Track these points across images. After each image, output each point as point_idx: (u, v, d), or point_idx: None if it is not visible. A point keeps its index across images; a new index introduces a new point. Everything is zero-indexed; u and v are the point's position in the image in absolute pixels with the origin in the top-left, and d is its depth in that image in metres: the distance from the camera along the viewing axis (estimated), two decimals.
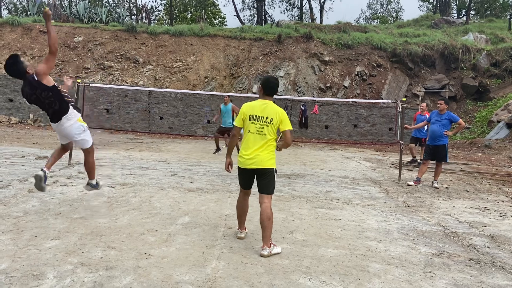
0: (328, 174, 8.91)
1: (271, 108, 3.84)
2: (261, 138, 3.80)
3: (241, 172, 3.95)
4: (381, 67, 22.16)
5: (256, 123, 3.82)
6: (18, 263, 3.20)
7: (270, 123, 3.80)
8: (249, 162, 3.80)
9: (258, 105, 3.87)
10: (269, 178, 3.83)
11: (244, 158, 3.83)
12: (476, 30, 27.33)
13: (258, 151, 3.78)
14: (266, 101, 3.88)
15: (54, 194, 5.56)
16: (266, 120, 3.80)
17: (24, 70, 4.19)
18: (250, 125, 3.84)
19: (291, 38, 22.81)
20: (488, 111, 20.06)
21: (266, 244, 3.69)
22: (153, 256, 3.51)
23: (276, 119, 3.80)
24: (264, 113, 3.82)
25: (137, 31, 22.77)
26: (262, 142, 3.79)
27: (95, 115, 18.24)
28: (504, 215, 5.70)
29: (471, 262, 3.76)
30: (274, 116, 3.81)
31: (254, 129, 3.82)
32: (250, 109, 3.87)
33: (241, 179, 4.00)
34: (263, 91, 3.91)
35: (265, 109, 3.83)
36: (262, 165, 3.79)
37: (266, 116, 3.80)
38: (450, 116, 7.68)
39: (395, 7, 53.19)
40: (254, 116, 3.83)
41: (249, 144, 3.82)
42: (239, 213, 4.12)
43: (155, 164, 8.98)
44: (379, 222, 5.01)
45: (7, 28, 21.93)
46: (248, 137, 3.84)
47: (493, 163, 11.97)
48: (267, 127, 3.80)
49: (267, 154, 3.81)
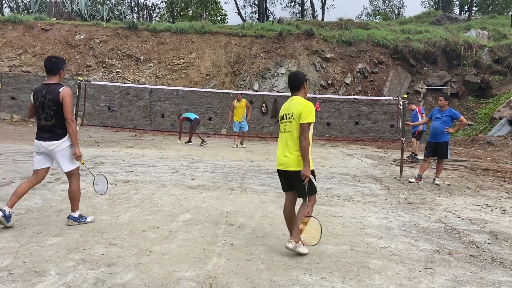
0: (329, 171, 8.91)
1: (295, 102, 3.68)
2: (287, 136, 3.69)
3: (279, 173, 3.89)
4: (382, 64, 22.10)
5: (282, 121, 3.78)
6: (21, 260, 3.23)
7: (292, 118, 3.63)
8: (279, 162, 3.76)
9: (286, 105, 3.81)
10: (301, 180, 3.60)
11: (278, 159, 3.80)
12: (478, 27, 27.20)
13: (286, 152, 3.67)
14: (293, 97, 3.78)
15: (56, 192, 5.59)
16: (288, 116, 3.69)
17: (57, 73, 4.16)
18: (281, 125, 3.82)
19: (292, 35, 22.76)
20: (490, 107, 20.00)
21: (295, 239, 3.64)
22: (155, 253, 3.53)
23: (296, 112, 3.59)
24: (287, 110, 3.73)
25: (138, 28, 22.76)
26: (288, 140, 3.66)
27: (97, 112, 18.27)
28: (505, 212, 5.69)
29: (472, 258, 3.77)
30: (294, 109, 3.62)
31: (282, 128, 3.77)
32: (281, 110, 3.86)
33: (281, 180, 3.93)
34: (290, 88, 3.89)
35: (290, 105, 3.72)
36: (291, 167, 3.63)
37: (289, 112, 3.70)
38: (451, 113, 7.66)
39: (397, 4, 53.13)
40: (282, 116, 3.79)
41: (281, 145, 3.77)
42: (285, 220, 3.95)
43: (156, 162, 9.00)
44: (380, 219, 5.02)
45: (8, 26, 21.95)
46: (281, 138, 3.80)
47: (495, 160, 11.95)
48: (290, 123, 3.66)
49: (295, 154, 3.61)
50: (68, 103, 4.03)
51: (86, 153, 9.60)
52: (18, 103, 18.05)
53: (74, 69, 20.47)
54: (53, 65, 4.12)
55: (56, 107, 4.03)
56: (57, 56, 4.23)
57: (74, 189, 4.26)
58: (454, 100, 20.93)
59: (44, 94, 4.05)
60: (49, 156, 4.17)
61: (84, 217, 4.31)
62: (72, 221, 4.22)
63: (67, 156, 4.16)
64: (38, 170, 4.18)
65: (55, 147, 4.07)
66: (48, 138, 4.07)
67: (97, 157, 9.17)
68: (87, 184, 6.15)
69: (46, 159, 4.19)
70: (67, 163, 4.17)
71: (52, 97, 4.01)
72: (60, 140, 4.09)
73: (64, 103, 4.02)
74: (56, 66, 4.13)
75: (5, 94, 18.01)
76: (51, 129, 4.07)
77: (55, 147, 4.07)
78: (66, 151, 4.14)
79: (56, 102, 4.01)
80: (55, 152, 4.09)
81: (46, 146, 4.08)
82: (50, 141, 4.06)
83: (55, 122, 4.06)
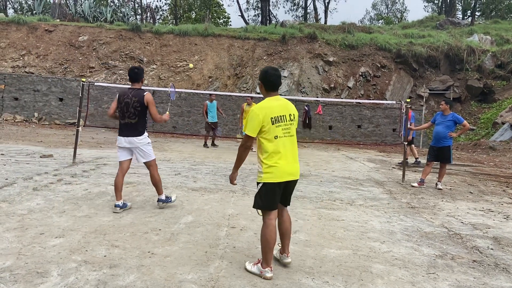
0: (332, 174, 8.90)
1: (288, 103, 3.35)
2: (291, 141, 3.30)
3: (274, 187, 3.23)
4: (385, 68, 22.10)
5: (281, 124, 3.23)
6: (23, 261, 3.23)
7: (294, 120, 3.32)
8: (288, 172, 3.24)
9: (274, 104, 3.26)
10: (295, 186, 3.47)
11: (282, 170, 3.21)
12: (481, 31, 27.21)
13: (292, 158, 3.29)
14: (277, 96, 3.34)
15: (59, 192, 5.59)
16: (290, 118, 3.29)
17: (139, 80, 4.96)
18: (276, 129, 3.21)
19: (295, 38, 22.79)
20: (493, 112, 19.98)
21: (288, 251, 3.49)
22: (157, 255, 3.52)
23: (296, 114, 3.38)
24: (286, 111, 3.28)
25: (141, 30, 22.83)
26: (293, 146, 3.32)
27: (100, 114, 18.30)
28: (508, 217, 5.67)
29: (475, 264, 3.75)
30: (294, 111, 3.35)
31: (282, 132, 3.23)
32: (269, 111, 3.20)
33: (274, 197, 3.25)
34: (264, 87, 3.35)
35: (284, 105, 3.30)
36: (298, 174, 3.36)
37: (289, 113, 3.29)
38: (454, 117, 7.65)
39: (400, 8, 53.10)
40: (277, 117, 3.22)
41: (284, 152, 3.23)
42: (271, 246, 3.23)
43: (158, 163, 8.93)
44: (382, 223, 5.01)
45: (12, 27, 22.04)
46: (279, 143, 3.21)
47: (498, 165, 11.92)
48: (292, 126, 3.30)
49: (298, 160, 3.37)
50: (153, 105, 4.86)
51: (88, 155, 9.62)
52: (21, 103, 18.10)
53: (77, 71, 20.52)
54: (136, 75, 4.91)
55: (140, 108, 4.78)
56: (138, 67, 5.02)
57: (155, 177, 5.04)
58: (457, 104, 20.92)
59: (131, 96, 4.78)
60: (129, 149, 4.93)
61: (170, 198, 5.17)
62: (162, 203, 5.08)
63: (147, 150, 4.93)
64: (123, 161, 4.96)
65: (137, 142, 4.85)
66: (131, 135, 4.83)
67: (99, 158, 9.18)
68: (89, 186, 6.15)
69: (127, 152, 4.95)
70: (146, 156, 4.95)
71: (138, 99, 4.77)
72: (141, 136, 4.88)
73: (150, 106, 4.82)
74: (138, 75, 4.93)
75: (8, 95, 18.06)
76: (134, 127, 4.83)
77: (137, 142, 4.84)
78: (145, 146, 4.92)
79: (141, 104, 4.77)
80: (137, 147, 4.88)
81: (129, 141, 4.84)
82: (133, 137, 4.83)
83: (138, 120, 4.83)
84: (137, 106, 4.78)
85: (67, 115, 18.15)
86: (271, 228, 3.23)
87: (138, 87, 4.94)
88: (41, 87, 18.01)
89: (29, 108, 18.11)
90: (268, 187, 3.22)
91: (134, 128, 4.83)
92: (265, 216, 3.28)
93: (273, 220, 3.28)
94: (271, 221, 3.26)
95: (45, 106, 18.13)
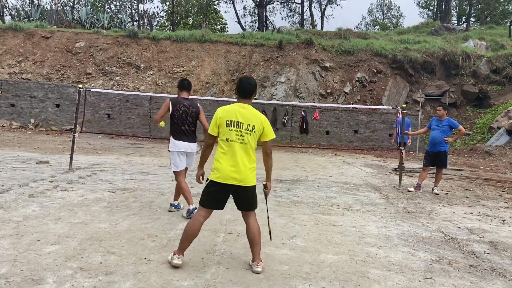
0: (329, 179, 8.91)
1: (252, 114, 3.38)
2: (243, 148, 3.33)
3: (216, 187, 3.36)
4: (381, 73, 22.22)
5: (235, 129, 3.32)
6: (18, 268, 3.20)
7: (252, 131, 3.34)
8: (231, 176, 3.30)
9: (235, 110, 3.37)
10: (253, 194, 3.44)
11: (225, 170, 3.31)
12: (476, 37, 27.42)
13: (241, 164, 3.31)
14: (244, 105, 3.41)
15: (55, 199, 5.57)
16: (248, 128, 3.33)
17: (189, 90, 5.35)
18: (229, 132, 3.33)
19: (292, 44, 22.90)
20: (489, 117, 20.09)
21: (258, 259, 3.43)
22: (153, 261, 3.51)
23: (258, 127, 3.36)
24: (245, 119, 3.34)
25: (138, 36, 22.89)
26: (244, 152, 3.34)
27: (96, 120, 18.28)
28: (504, 222, 5.69)
29: (471, 268, 3.76)
30: (256, 123, 3.35)
31: (235, 136, 3.32)
32: (226, 113, 3.35)
33: (213, 196, 3.40)
34: (237, 93, 3.48)
35: (245, 114, 3.35)
36: (247, 182, 3.34)
37: (248, 123, 3.33)
38: (450, 122, 7.69)
39: (395, 14, 53.43)
40: (232, 121, 3.33)
41: (230, 154, 3.33)
42: (188, 237, 3.40)
43: (155, 169, 8.99)
44: (379, 228, 5.01)
45: (9, 34, 22.05)
46: (228, 146, 3.33)
47: (494, 169, 11.96)
48: (249, 136, 3.34)
49: (250, 168, 3.37)
50: (204, 115, 5.30)
51: (84, 161, 9.59)
52: (17, 110, 18.06)
53: (74, 77, 20.53)
54: (190, 84, 5.35)
55: (197, 117, 5.20)
56: (187, 79, 5.43)
57: None
58: (453, 109, 21.03)
59: (188, 106, 5.12)
60: (185, 155, 5.16)
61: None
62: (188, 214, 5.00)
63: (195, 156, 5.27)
64: (183, 170, 5.18)
65: (194, 148, 5.21)
66: (192, 140, 5.18)
67: (96, 164, 9.15)
68: (86, 192, 6.13)
69: (185, 159, 5.18)
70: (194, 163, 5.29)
71: (195, 110, 5.17)
72: (196, 142, 5.28)
73: (202, 116, 5.24)
74: (190, 86, 5.35)
75: (5, 101, 18.03)
76: (193, 134, 5.20)
77: (194, 148, 5.20)
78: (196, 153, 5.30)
79: (197, 114, 5.19)
80: (192, 153, 5.21)
81: (190, 147, 5.15)
82: (194, 143, 5.20)
83: (195, 128, 5.23)
84: (194, 116, 5.17)
85: (63, 121, 18.12)
86: (194, 222, 3.42)
87: (187, 96, 5.29)
88: (37, 93, 17.99)
89: (26, 115, 18.08)
90: (210, 184, 3.40)
91: (193, 134, 5.21)
92: (198, 210, 3.50)
93: (201, 217, 3.44)
94: (199, 216, 3.44)
95: (42, 112, 18.10)
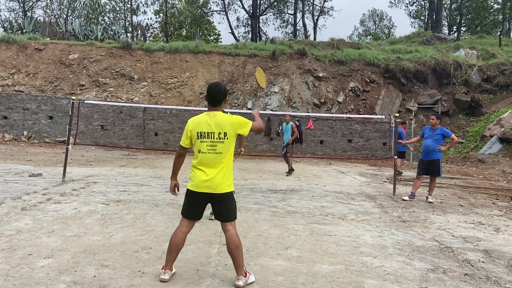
0: (323, 189, 8.91)
1: (221, 120, 3.29)
2: (215, 157, 3.26)
3: (192, 197, 3.34)
4: (374, 82, 22.41)
5: (207, 141, 3.26)
6: (11, 282, 3.16)
7: (225, 138, 3.27)
8: (204, 185, 3.25)
9: (204, 120, 3.30)
10: (229, 203, 3.38)
11: (199, 179, 3.27)
12: (467, 46, 27.81)
13: (214, 173, 3.25)
14: (214, 112, 3.33)
15: (48, 212, 5.52)
16: (220, 136, 3.26)
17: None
18: (201, 144, 3.28)
19: (285, 54, 23.07)
20: (481, 126, 20.27)
21: (240, 273, 3.30)
22: (147, 274, 3.48)
23: (231, 131, 3.28)
24: (216, 128, 3.26)
25: (132, 48, 22.95)
26: (217, 162, 3.27)
27: (90, 131, 18.21)
28: (498, 230, 5.71)
29: (466, 277, 3.76)
30: (228, 129, 3.27)
31: (206, 148, 3.26)
32: (197, 125, 3.29)
33: (190, 206, 3.37)
34: (207, 101, 3.37)
35: (214, 123, 3.28)
36: (221, 189, 3.27)
37: (219, 131, 3.26)
38: (443, 131, 7.75)
39: (387, 24, 54.17)
40: (203, 133, 3.27)
41: (202, 164, 3.28)
42: (172, 249, 3.38)
43: (149, 181, 8.94)
44: (374, 238, 5.01)
45: (2, 46, 22.01)
46: (201, 157, 3.28)
47: (487, 177, 12.04)
48: (222, 144, 3.26)
49: (225, 176, 3.30)
50: None
51: (78, 173, 9.53)
52: (10, 122, 17.96)
53: (68, 88, 20.48)
54: None
55: None
56: None
57: None
58: (445, 118, 21.20)
59: None
60: None
61: None
62: None
63: None
64: None
65: None
66: None
67: (89, 176, 9.09)
68: (79, 204, 6.09)
69: None
70: None
71: None
72: None
73: None
74: None
75: None
76: None
77: None
78: None
79: None
80: None
81: None
82: None
83: None
84: None
85: (57, 133, 18.03)
86: (177, 233, 3.41)
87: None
88: (30, 105, 17.91)
89: (18, 127, 17.97)
90: (188, 193, 3.38)
91: None
92: (180, 221, 3.48)
93: (184, 228, 3.41)
94: (181, 227, 3.42)
95: (35, 125, 18.01)
